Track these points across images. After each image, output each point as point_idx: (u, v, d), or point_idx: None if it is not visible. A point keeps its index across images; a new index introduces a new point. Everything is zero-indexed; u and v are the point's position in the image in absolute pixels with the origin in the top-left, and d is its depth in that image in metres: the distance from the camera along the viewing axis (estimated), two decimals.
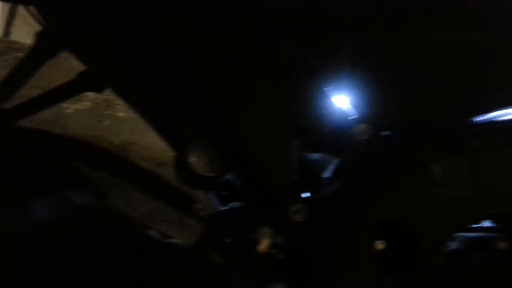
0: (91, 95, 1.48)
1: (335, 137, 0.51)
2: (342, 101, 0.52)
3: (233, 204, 0.61)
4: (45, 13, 0.63)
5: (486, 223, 0.58)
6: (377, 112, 0.51)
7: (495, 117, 0.55)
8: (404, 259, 0.47)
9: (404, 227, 0.47)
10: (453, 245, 0.53)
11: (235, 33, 0.49)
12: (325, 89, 0.51)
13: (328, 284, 0.45)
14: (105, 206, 0.49)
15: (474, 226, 0.57)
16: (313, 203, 0.47)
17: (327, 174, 0.60)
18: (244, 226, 0.46)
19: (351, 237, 0.46)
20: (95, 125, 1.46)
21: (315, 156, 0.62)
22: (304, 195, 0.54)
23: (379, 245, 0.46)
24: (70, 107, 1.47)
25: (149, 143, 1.50)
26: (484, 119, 0.54)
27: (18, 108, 0.70)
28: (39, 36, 0.66)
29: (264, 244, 0.43)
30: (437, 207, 0.48)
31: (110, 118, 1.47)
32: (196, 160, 0.52)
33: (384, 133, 0.52)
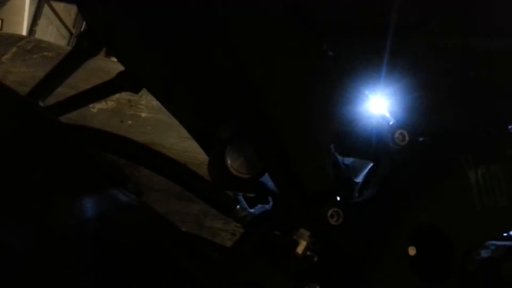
0: (115, 95, 1.50)
1: (372, 142, 0.51)
2: (381, 106, 0.53)
3: (265, 206, 0.62)
4: (87, 14, 0.65)
5: None
6: (415, 118, 0.51)
7: None
8: (437, 266, 0.48)
9: (438, 233, 0.48)
10: (487, 253, 0.53)
11: (284, 34, 0.51)
12: (364, 93, 0.52)
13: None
14: (145, 204, 0.50)
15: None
16: (349, 207, 0.48)
17: (360, 178, 0.61)
18: (283, 228, 0.47)
19: (385, 241, 0.47)
20: (118, 125, 1.48)
21: (350, 160, 0.64)
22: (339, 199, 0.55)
23: (412, 250, 0.47)
24: (95, 106, 1.50)
25: (171, 144, 1.52)
26: None
27: (58, 105, 0.72)
28: (81, 36, 0.68)
29: (302, 246, 0.44)
30: (472, 214, 0.48)
31: (133, 118, 1.50)
32: (232, 162, 0.53)
33: (421, 140, 0.53)
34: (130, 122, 1.52)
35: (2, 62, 1.50)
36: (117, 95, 1.53)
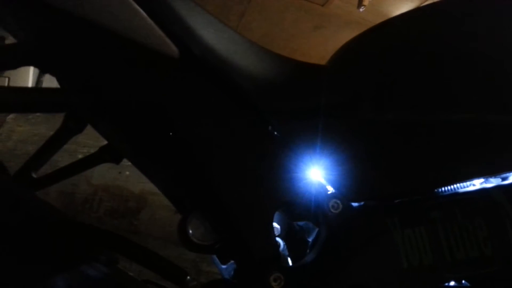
0: None
1: (312, 210, 0.59)
2: (319, 176, 0.61)
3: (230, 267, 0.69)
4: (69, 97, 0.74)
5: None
6: (348, 187, 0.59)
7: (457, 189, 0.62)
8: None
9: None
10: None
11: (229, 121, 0.59)
12: (304, 167, 0.59)
13: None
14: (115, 274, 0.57)
15: None
16: (290, 270, 0.55)
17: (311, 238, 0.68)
18: None
19: None
20: (116, 176, 1.57)
21: (301, 223, 0.70)
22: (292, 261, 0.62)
23: None
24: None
25: None
26: (446, 191, 0.61)
27: (47, 177, 0.81)
28: (67, 117, 0.78)
29: None
30: (399, 273, 0.54)
31: (130, 169, 1.59)
32: (193, 231, 0.60)
33: (354, 206, 0.60)
34: (127, 173, 1.61)
35: (7, 122, 1.61)
36: None
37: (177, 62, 0.56)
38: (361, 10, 2.59)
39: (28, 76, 2.18)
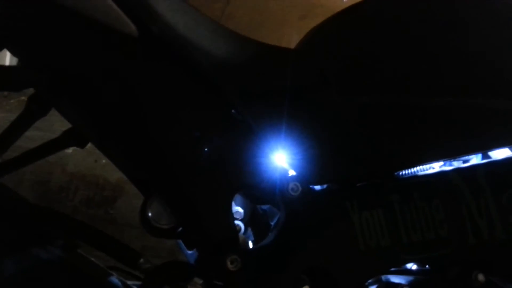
0: None
1: (273, 193, 0.58)
2: (281, 160, 0.60)
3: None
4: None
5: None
6: (309, 170, 0.58)
7: (416, 172, 0.62)
8: None
9: (327, 274, 0.54)
10: None
11: (190, 101, 0.58)
12: (267, 149, 0.59)
13: None
14: (72, 258, 0.57)
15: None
16: (248, 253, 0.55)
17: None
18: (180, 278, 0.53)
19: (279, 284, 0.53)
20: (93, 164, 1.56)
21: (265, 207, 0.70)
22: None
23: None
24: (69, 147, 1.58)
25: None
26: (406, 174, 0.62)
27: (8, 163, 0.79)
28: (30, 100, 0.76)
29: None
30: (356, 255, 0.55)
31: (106, 157, 1.57)
32: (153, 214, 0.60)
33: (315, 189, 0.60)
34: (104, 161, 1.60)
35: None
36: None
37: (136, 41, 0.55)
38: (344, 0, 2.59)
39: (6, 56, 2.13)
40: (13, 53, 0.62)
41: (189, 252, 0.73)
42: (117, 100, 0.56)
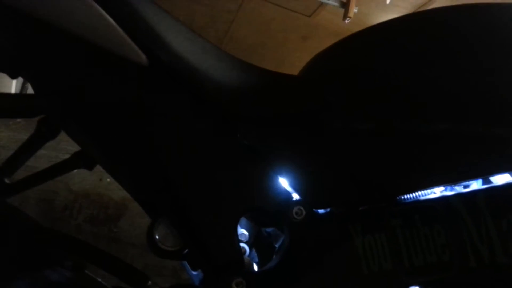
0: None
1: (277, 217, 0.60)
2: (284, 184, 0.62)
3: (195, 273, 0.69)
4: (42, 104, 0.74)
5: None
6: (312, 194, 0.60)
7: (418, 196, 0.63)
8: None
9: None
10: None
11: (197, 127, 0.60)
12: (272, 174, 0.60)
13: None
14: (80, 278, 0.58)
15: None
16: (253, 276, 0.56)
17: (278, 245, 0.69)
18: None
19: None
20: (97, 183, 1.57)
21: (269, 230, 0.71)
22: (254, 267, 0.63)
23: None
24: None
25: None
26: (408, 199, 0.63)
27: (19, 183, 0.81)
28: (40, 123, 0.78)
29: None
30: (359, 279, 0.56)
31: (110, 176, 1.59)
32: (160, 237, 0.61)
33: (318, 213, 0.61)
34: (108, 179, 1.61)
35: None
36: None
37: (146, 70, 0.58)
38: (346, 21, 2.63)
39: (11, 83, 2.17)
40: (27, 79, 0.64)
41: (194, 273, 0.74)
42: (126, 127, 0.58)
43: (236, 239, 0.57)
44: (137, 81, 0.57)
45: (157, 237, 0.60)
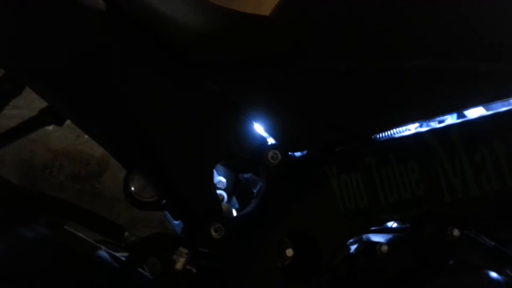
0: None
1: (253, 162, 0.59)
2: (261, 129, 0.61)
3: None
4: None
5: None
6: (287, 137, 0.59)
7: (392, 135, 0.63)
8: (308, 266, 0.56)
9: (308, 237, 0.56)
10: (350, 249, 0.62)
11: (164, 74, 0.58)
12: (246, 119, 0.59)
13: None
14: (58, 235, 0.57)
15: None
16: (231, 221, 0.56)
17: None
18: (165, 249, 0.55)
19: (260, 249, 0.55)
20: (75, 140, 1.54)
21: (247, 176, 0.71)
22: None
23: (289, 253, 0.55)
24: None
25: None
26: (382, 137, 0.63)
27: None
28: (3, 79, 0.74)
29: (180, 263, 0.52)
30: (336, 217, 0.56)
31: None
32: (135, 188, 0.60)
33: (294, 156, 0.61)
34: (86, 136, 1.58)
35: None
36: None
37: (104, 15, 0.54)
38: None
39: None
40: None
41: (176, 222, 0.74)
42: (89, 79, 0.56)
43: (212, 186, 0.57)
44: (95, 29, 0.54)
45: (133, 188, 0.60)
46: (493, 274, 0.62)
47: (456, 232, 0.60)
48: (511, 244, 0.67)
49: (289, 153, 0.60)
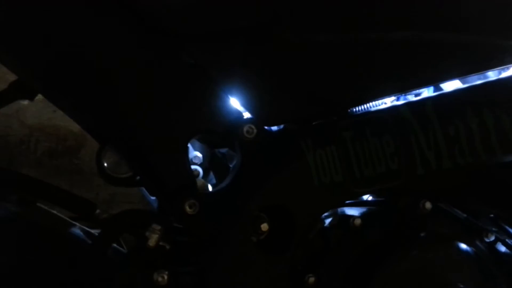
0: None
1: (228, 136, 0.58)
2: (236, 103, 0.60)
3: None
4: None
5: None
6: (263, 111, 0.58)
7: (369, 108, 0.63)
8: (283, 240, 0.57)
9: (284, 211, 0.56)
10: (324, 223, 0.62)
11: (138, 46, 0.56)
12: (221, 93, 0.58)
13: (211, 269, 0.54)
14: (29, 213, 0.56)
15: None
16: (206, 197, 0.56)
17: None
18: (138, 226, 0.54)
19: (235, 224, 0.55)
20: (51, 114, 1.50)
21: (223, 151, 0.71)
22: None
23: (264, 227, 0.55)
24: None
25: None
26: (359, 111, 0.63)
27: None
28: None
29: (153, 239, 0.52)
30: (311, 191, 0.56)
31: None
32: (108, 164, 0.59)
33: (270, 130, 0.60)
34: None
35: None
36: None
37: None
38: None
39: None
40: None
41: (153, 198, 0.73)
42: (60, 50, 0.53)
43: (186, 161, 0.56)
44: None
45: (106, 164, 0.59)
46: (463, 246, 0.64)
47: (428, 205, 0.61)
48: (483, 216, 0.69)
49: (265, 127, 0.59)
